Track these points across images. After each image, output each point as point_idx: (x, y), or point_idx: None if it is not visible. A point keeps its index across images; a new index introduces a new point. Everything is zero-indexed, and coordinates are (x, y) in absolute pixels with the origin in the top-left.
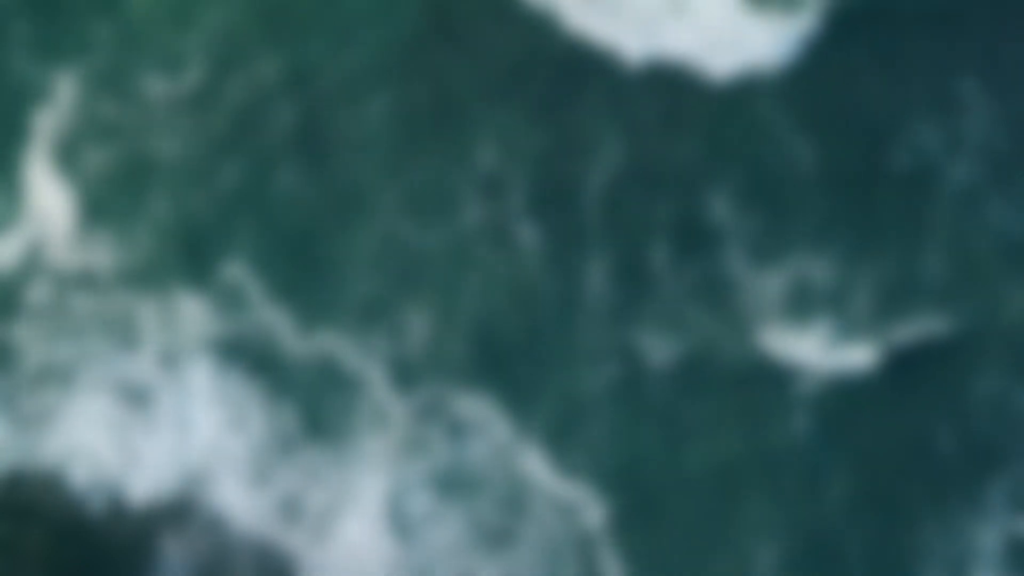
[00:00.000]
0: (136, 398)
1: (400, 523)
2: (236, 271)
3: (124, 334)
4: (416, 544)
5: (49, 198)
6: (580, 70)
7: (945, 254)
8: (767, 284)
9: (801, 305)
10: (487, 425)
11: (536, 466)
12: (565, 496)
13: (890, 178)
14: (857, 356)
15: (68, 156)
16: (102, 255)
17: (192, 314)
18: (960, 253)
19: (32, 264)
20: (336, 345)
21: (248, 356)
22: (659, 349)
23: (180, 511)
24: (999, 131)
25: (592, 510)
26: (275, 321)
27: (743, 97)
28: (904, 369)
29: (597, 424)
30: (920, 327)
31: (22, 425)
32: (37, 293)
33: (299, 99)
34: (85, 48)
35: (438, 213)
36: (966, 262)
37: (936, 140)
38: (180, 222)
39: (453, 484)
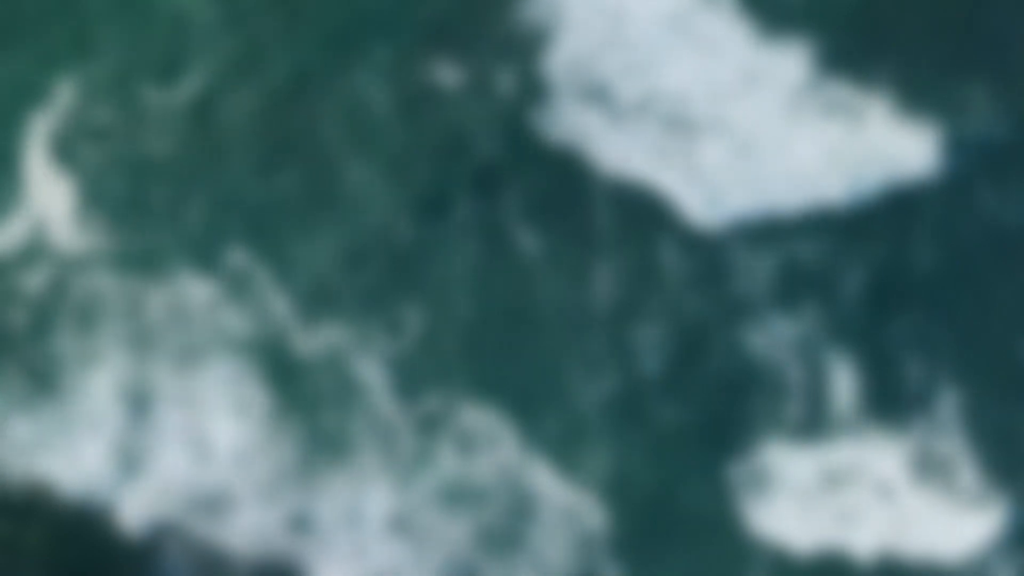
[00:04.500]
0: (140, 393)
1: (406, 532)
2: (236, 268)
3: (126, 326)
4: (422, 553)
5: (48, 190)
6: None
7: (935, 245)
8: (759, 274)
9: (793, 297)
10: (492, 436)
11: (541, 475)
12: (569, 504)
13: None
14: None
15: (67, 150)
16: (101, 247)
17: (198, 308)
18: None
19: (31, 255)
20: (339, 352)
21: (250, 357)
22: (660, 354)
23: (182, 512)
24: (996, 124)
25: (595, 517)
26: (277, 326)
27: None
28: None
29: (600, 432)
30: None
31: (23, 419)
32: (36, 282)
33: (298, 99)
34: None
35: (437, 215)
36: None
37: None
38: (179, 216)
39: (459, 494)
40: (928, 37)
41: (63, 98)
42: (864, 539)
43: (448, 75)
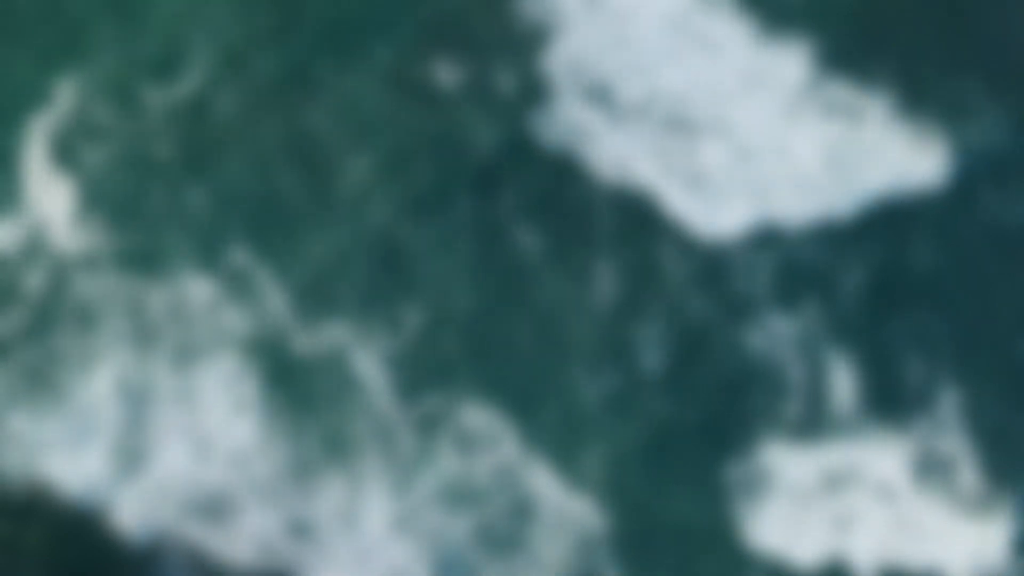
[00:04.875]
0: (140, 393)
1: (408, 535)
2: (236, 268)
3: (126, 326)
4: (422, 553)
5: (48, 191)
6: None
7: (935, 245)
8: (759, 274)
9: (793, 296)
10: (492, 435)
11: (540, 475)
12: (567, 503)
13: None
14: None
15: (67, 151)
16: (101, 246)
17: (198, 307)
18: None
19: (31, 254)
20: (339, 351)
21: (250, 356)
22: (660, 354)
23: (182, 513)
24: (997, 125)
25: (593, 516)
26: (277, 325)
27: None
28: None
29: (599, 431)
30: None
31: (23, 419)
32: (36, 282)
33: (298, 98)
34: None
35: (437, 215)
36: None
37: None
38: (179, 216)
39: (459, 494)
40: (929, 37)
41: (62, 98)
42: (864, 542)
43: (448, 74)
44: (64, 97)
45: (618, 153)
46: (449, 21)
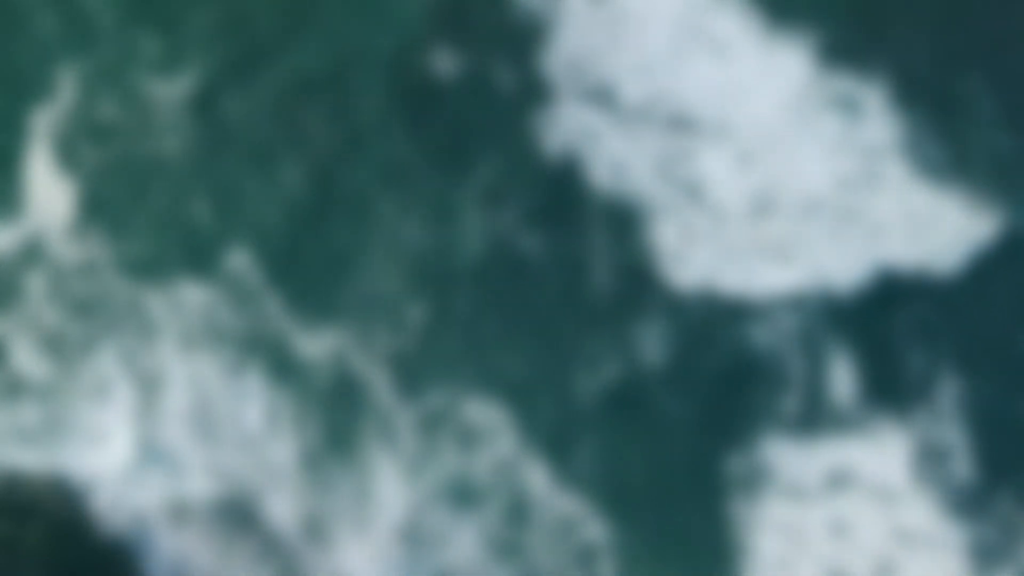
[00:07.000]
0: (140, 395)
1: (410, 537)
2: (238, 268)
3: (126, 328)
4: (425, 558)
5: (49, 192)
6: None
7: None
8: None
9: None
10: (492, 434)
11: (540, 472)
12: (567, 501)
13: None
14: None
15: (68, 150)
16: (103, 248)
17: (200, 308)
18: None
19: (32, 258)
20: (339, 352)
21: (251, 357)
22: (660, 351)
23: (184, 513)
24: (999, 121)
25: (592, 522)
26: (278, 327)
27: None
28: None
29: (597, 433)
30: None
31: (23, 418)
32: (36, 286)
33: (300, 99)
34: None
35: (435, 213)
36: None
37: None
38: (180, 219)
39: (461, 494)
40: (931, 33)
41: (64, 95)
42: (863, 540)
43: (449, 75)
44: (66, 94)
45: (620, 153)
46: (451, 20)
